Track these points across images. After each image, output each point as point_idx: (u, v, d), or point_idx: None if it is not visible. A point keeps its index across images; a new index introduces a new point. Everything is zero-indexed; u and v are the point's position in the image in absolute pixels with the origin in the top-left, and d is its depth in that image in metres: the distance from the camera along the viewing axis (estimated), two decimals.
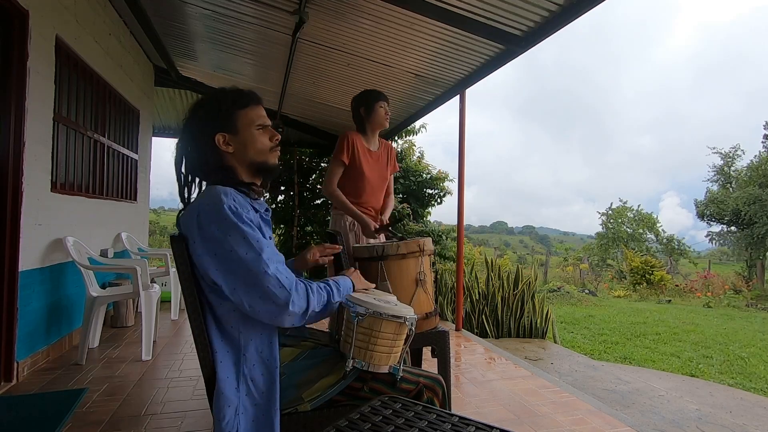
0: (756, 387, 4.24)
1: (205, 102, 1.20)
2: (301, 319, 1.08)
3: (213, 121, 1.17)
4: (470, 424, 0.87)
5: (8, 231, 2.55)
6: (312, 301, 1.09)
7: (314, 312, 1.10)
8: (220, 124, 1.17)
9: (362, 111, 2.51)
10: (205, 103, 1.20)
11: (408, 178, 7.31)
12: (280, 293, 1.03)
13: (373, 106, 2.49)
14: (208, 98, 1.21)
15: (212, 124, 1.17)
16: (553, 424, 2.22)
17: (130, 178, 4.79)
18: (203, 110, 1.19)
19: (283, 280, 1.05)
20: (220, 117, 1.17)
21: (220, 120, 1.17)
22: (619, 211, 22.63)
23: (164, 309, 4.31)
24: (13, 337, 2.56)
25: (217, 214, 1.05)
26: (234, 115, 1.18)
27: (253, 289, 1.04)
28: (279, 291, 1.04)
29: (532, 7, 2.71)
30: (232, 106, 1.18)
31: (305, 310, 1.08)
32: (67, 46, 3.19)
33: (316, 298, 1.10)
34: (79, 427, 2.07)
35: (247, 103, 1.20)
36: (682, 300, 11.14)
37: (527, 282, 5.03)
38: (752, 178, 16.89)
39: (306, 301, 1.08)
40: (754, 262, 15.49)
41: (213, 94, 1.21)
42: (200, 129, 1.17)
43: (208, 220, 1.06)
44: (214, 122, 1.17)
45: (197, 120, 1.19)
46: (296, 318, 1.07)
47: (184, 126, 1.21)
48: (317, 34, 3.70)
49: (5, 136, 2.54)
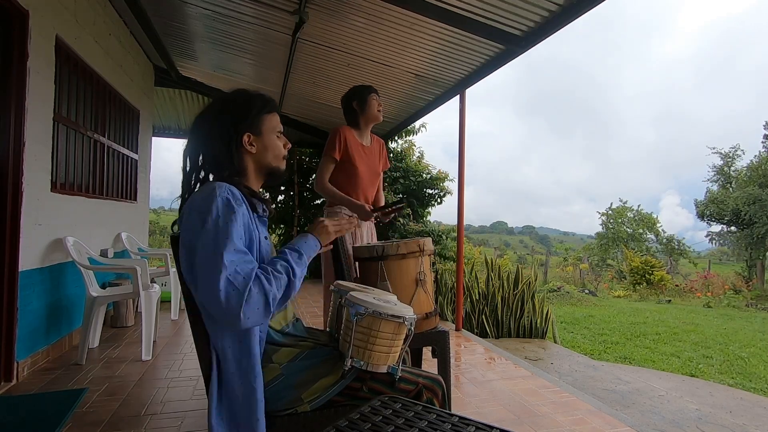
0: (756, 387, 4.24)
1: (236, 100, 1.22)
2: (264, 316, 1.02)
3: (244, 120, 1.20)
4: (470, 424, 0.87)
5: (8, 231, 2.55)
6: (271, 293, 1.02)
7: (276, 299, 1.04)
8: (250, 124, 1.21)
9: (355, 105, 2.50)
10: (235, 101, 1.22)
11: (408, 178, 7.31)
12: (229, 295, 0.97)
13: (366, 98, 2.47)
14: (238, 97, 1.23)
15: (243, 123, 1.20)
16: (553, 424, 2.22)
17: (130, 178, 4.79)
18: (234, 108, 1.21)
19: (239, 281, 0.98)
20: (250, 117, 1.21)
21: (250, 120, 1.21)
22: (619, 211, 22.63)
23: (164, 309, 4.31)
24: (13, 337, 2.56)
25: (206, 202, 1.05)
26: (261, 119, 1.22)
27: (203, 281, 0.99)
28: (229, 291, 0.97)
29: (532, 7, 2.71)
30: (262, 109, 1.23)
31: (265, 304, 1.01)
32: (67, 46, 3.19)
33: (275, 285, 1.04)
34: (79, 427, 2.07)
35: (272, 109, 1.26)
36: (682, 300, 11.14)
37: (527, 282, 5.02)
38: (752, 178, 16.89)
39: (263, 296, 1.01)
40: (754, 262, 15.49)
41: (244, 95, 1.23)
42: (230, 125, 1.19)
43: (192, 209, 1.07)
44: (245, 121, 1.20)
45: (227, 116, 1.20)
46: (255, 318, 1.00)
47: (208, 119, 1.22)
48: (317, 34, 3.70)
49: (5, 136, 2.54)
